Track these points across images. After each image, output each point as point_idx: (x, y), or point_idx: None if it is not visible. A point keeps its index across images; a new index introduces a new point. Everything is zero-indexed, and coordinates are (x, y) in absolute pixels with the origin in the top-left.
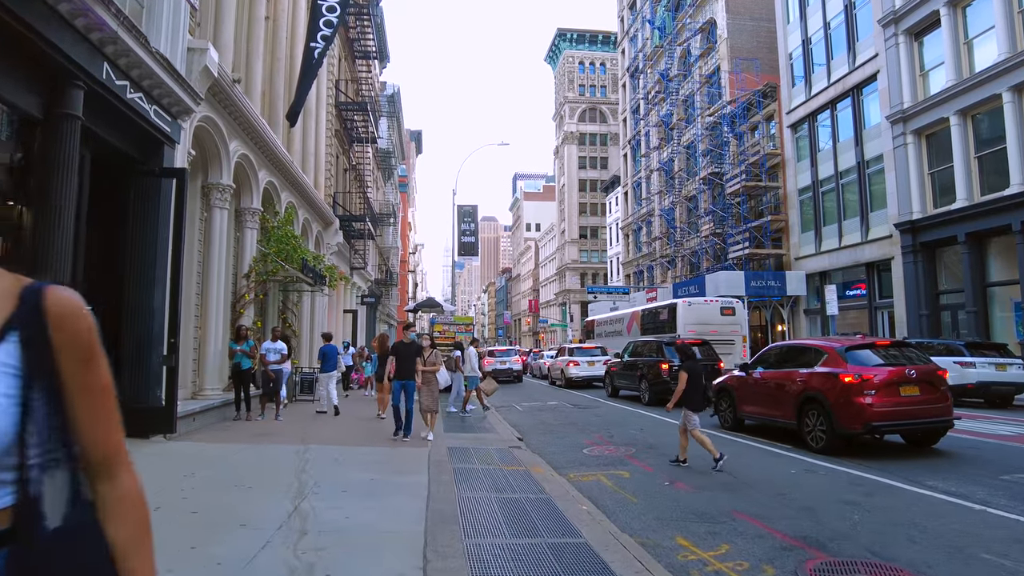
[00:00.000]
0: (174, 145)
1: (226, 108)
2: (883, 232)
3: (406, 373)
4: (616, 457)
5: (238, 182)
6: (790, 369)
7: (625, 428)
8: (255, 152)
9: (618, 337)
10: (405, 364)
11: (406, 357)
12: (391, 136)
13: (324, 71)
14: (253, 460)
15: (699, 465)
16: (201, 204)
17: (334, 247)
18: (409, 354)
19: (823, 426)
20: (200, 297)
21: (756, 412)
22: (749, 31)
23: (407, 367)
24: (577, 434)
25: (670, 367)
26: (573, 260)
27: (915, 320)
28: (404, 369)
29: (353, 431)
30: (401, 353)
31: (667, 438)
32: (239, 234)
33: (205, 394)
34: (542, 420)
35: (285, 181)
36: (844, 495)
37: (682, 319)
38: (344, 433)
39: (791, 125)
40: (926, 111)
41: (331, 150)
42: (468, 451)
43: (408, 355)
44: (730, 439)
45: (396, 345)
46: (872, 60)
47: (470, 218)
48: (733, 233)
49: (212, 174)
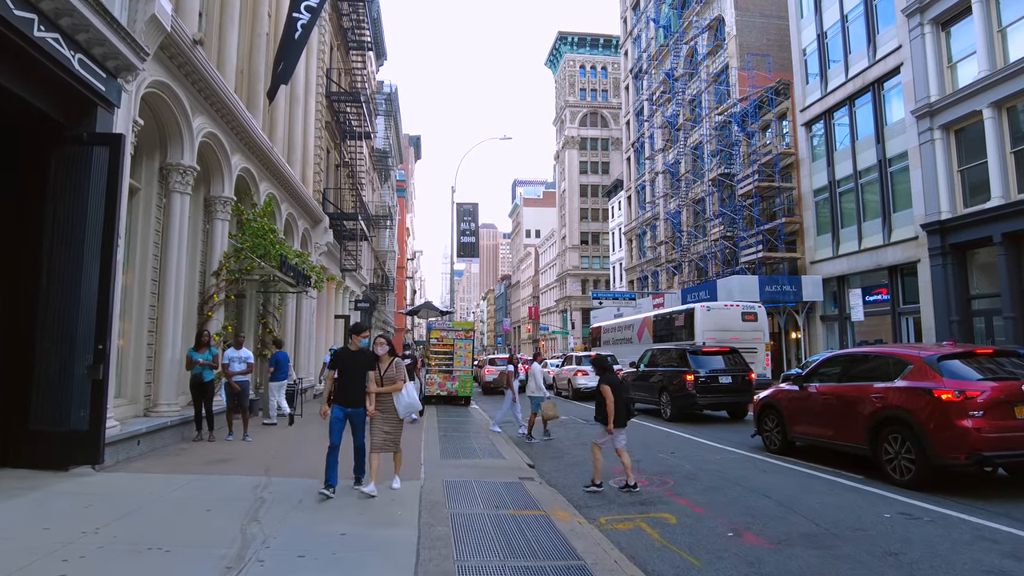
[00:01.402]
0: (112, 109)
1: (188, 76)
2: (908, 233)
3: (351, 396)
4: (652, 492)
5: (206, 166)
6: (860, 383)
7: (651, 450)
8: (227, 133)
9: (627, 345)
10: (350, 383)
11: (352, 373)
12: (388, 136)
13: (314, 57)
14: (193, 502)
15: (754, 503)
16: (158, 188)
17: (323, 247)
18: (356, 368)
19: (910, 454)
20: (156, 297)
21: (813, 433)
22: (759, 28)
23: (353, 387)
24: None
25: (696, 378)
26: (574, 266)
27: (945, 327)
28: (349, 390)
29: None
30: (345, 366)
31: (708, 464)
32: (208, 226)
33: (160, 411)
34: (553, 439)
35: (264, 170)
36: (981, 558)
37: (700, 325)
38: (319, 459)
39: (805, 123)
40: (955, 104)
41: (321, 143)
42: (469, 486)
43: (355, 370)
44: (784, 465)
45: (339, 355)
46: (895, 52)
47: (470, 217)
48: (745, 236)
49: (172, 153)
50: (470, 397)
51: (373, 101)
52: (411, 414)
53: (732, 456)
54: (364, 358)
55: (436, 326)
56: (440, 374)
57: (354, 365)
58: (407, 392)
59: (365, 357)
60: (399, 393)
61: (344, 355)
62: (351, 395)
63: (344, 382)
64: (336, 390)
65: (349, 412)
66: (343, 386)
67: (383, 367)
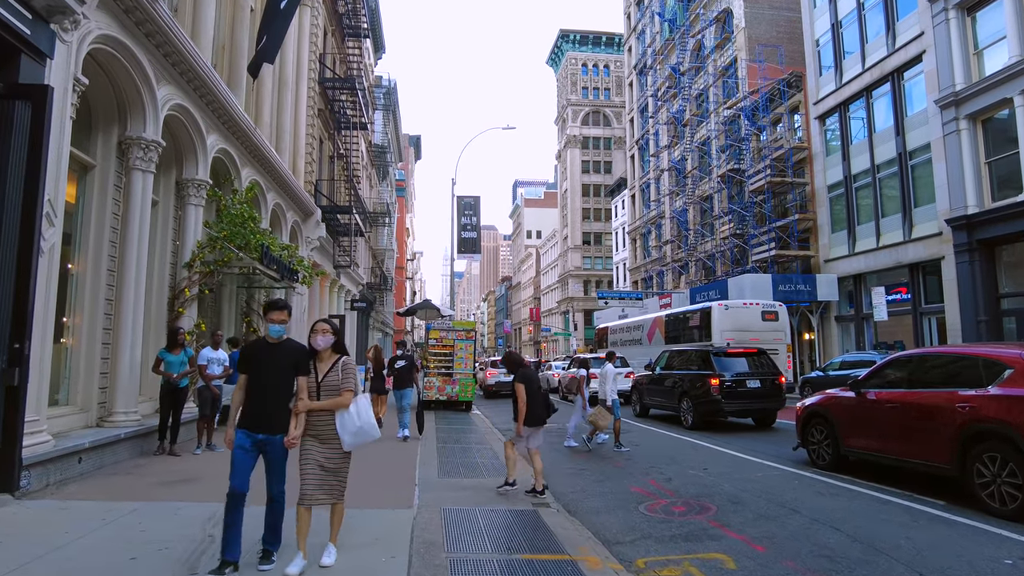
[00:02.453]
0: (43, 60)
1: (151, 37)
2: (931, 229)
3: (266, 415)
4: (695, 523)
5: (177, 144)
6: (938, 389)
7: (681, 465)
8: (201, 109)
9: (636, 346)
10: (265, 395)
11: (268, 380)
12: (387, 131)
13: (306, 40)
14: (119, 544)
15: (824, 538)
16: (117, 165)
17: (315, 241)
18: (275, 372)
19: (1015, 478)
20: (113, 289)
21: (874, 448)
22: (768, 20)
23: (269, 401)
24: (621, 475)
25: (722, 382)
26: (576, 267)
27: (971, 327)
28: (262, 405)
29: None
30: (257, 368)
31: (751, 484)
32: (180, 212)
33: (115, 420)
34: (566, 451)
35: (247, 154)
36: None
37: (718, 325)
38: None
39: (819, 117)
40: (983, 93)
41: (313, 131)
42: (473, 517)
43: (272, 374)
44: (840, 485)
45: (249, 350)
46: (916, 40)
47: (471, 211)
48: (756, 234)
49: (132, 125)
50: (471, 402)
51: (371, 94)
52: (355, 437)
53: (775, 473)
54: (289, 355)
55: (435, 326)
56: (439, 377)
57: (271, 366)
58: (358, 411)
59: (291, 353)
60: (346, 412)
61: (257, 350)
62: (265, 414)
63: (255, 393)
64: (244, 405)
65: (262, 441)
66: (254, 399)
67: (322, 369)
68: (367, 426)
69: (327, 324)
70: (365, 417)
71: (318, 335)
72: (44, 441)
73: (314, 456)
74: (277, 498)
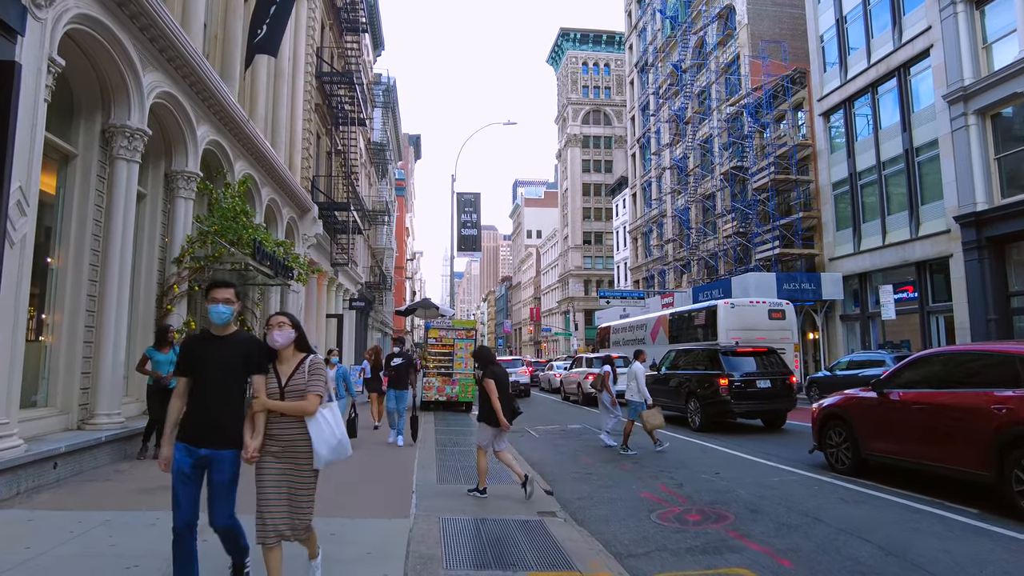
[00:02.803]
0: (13, 36)
1: (135, 20)
2: (938, 227)
3: (210, 425)
4: (712, 533)
5: (166, 135)
6: (971, 389)
7: (691, 470)
8: (190, 98)
9: (639, 346)
10: (210, 399)
11: (213, 380)
12: (386, 129)
13: (303, 32)
14: (83, 563)
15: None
16: (100, 154)
17: (312, 238)
18: (219, 368)
19: None
20: (96, 285)
21: (899, 452)
22: (771, 16)
23: (215, 407)
24: (628, 480)
25: (731, 382)
26: (576, 266)
27: (981, 325)
28: (205, 412)
29: None
30: (203, 365)
31: (768, 490)
32: (169, 206)
33: (96, 423)
34: (571, 454)
35: (241, 147)
36: None
37: (724, 324)
38: None
39: (823, 113)
40: (992, 87)
41: (310, 126)
42: (474, 528)
43: (219, 372)
44: (863, 491)
45: (187, 345)
46: (924, 34)
47: (471, 208)
48: (759, 232)
49: (116, 112)
50: (472, 403)
51: (370, 91)
52: (330, 454)
53: (792, 478)
54: (238, 348)
55: (435, 325)
56: (439, 377)
57: (216, 363)
58: (326, 420)
59: (241, 346)
60: (322, 420)
61: (196, 344)
62: (209, 422)
63: (197, 398)
64: (184, 415)
65: (205, 458)
66: (195, 405)
67: (285, 372)
68: (332, 440)
69: (284, 317)
70: (336, 430)
71: (274, 330)
72: (14, 446)
73: (275, 477)
74: (228, 528)
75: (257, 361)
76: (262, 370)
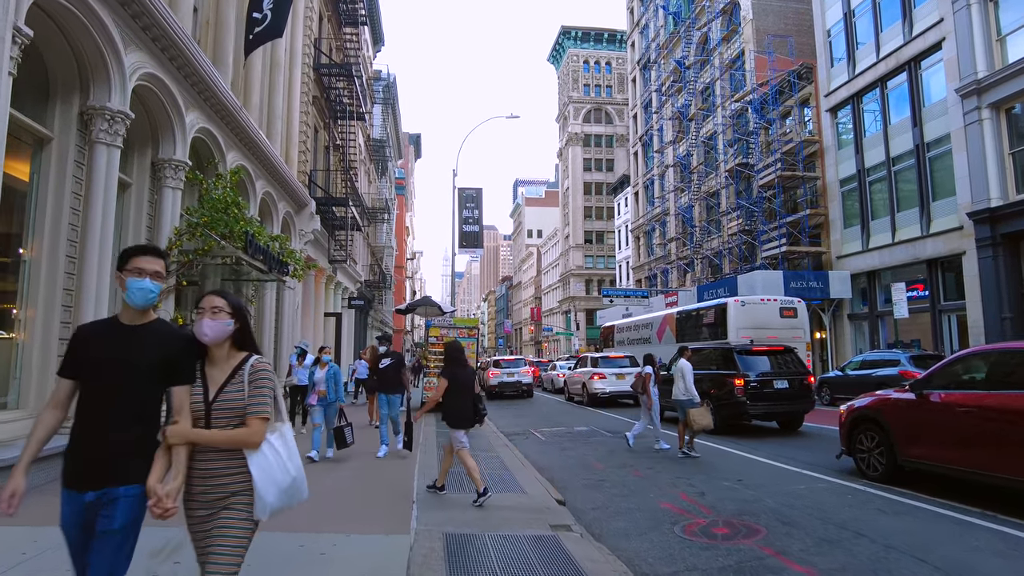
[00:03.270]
0: None
1: None
2: (950, 223)
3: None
4: (744, 549)
5: (152, 121)
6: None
7: (710, 476)
8: (179, 83)
9: (644, 345)
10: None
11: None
12: (386, 125)
13: (300, 22)
14: None
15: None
16: (78, 138)
17: (309, 234)
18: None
19: None
20: (74, 278)
21: (943, 459)
22: (776, 12)
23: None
24: (646, 487)
25: (747, 383)
26: (578, 266)
27: (995, 325)
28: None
29: None
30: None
31: (797, 499)
32: (156, 196)
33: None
34: (580, 459)
35: (233, 136)
36: None
37: (734, 322)
38: None
39: (830, 109)
40: (1007, 81)
41: (308, 119)
42: (482, 544)
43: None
44: (903, 501)
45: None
46: (935, 27)
47: (473, 204)
48: (765, 230)
49: (96, 94)
50: None
51: (370, 86)
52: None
53: (821, 485)
54: (154, 345)
55: (436, 323)
56: (440, 378)
57: (118, 364)
58: (275, 452)
59: (159, 342)
60: (257, 454)
61: (91, 335)
62: (101, 452)
63: (84, 413)
64: (70, 441)
65: (94, 503)
66: (81, 425)
67: (216, 378)
68: (300, 478)
69: (221, 299)
70: (297, 462)
71: (205, 317)
72: None
73: (196, 531)
74: None
75: (181, 365)
76: (187, 379)
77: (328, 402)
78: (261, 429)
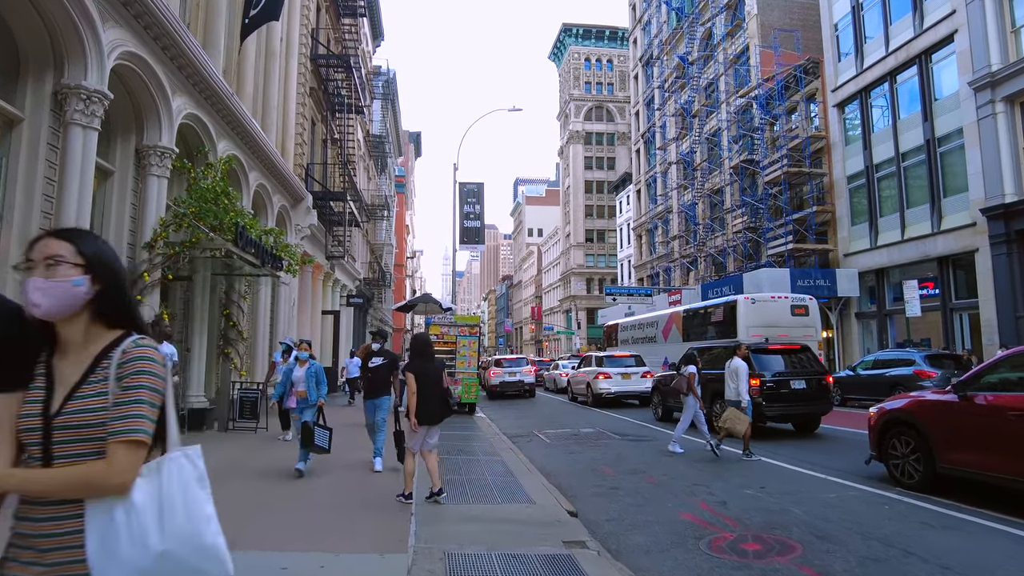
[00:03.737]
0: None
1: None
2: (962, 220)
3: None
4: (780, 569)
5: (135, 104)
6: None
7: (729, 482)
8: (164, 64)
9: (649, 344)
10: None
11: None
12: (385, 121)
13: (296, 10)
14: None
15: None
16: (51, 120)
17: (306, 229)
18: None
19: None
20: None
21: (990, 467)
22: (781, 7)
23: None
24: (662, 496)
25: (762, 383)
26: (579, 264)
27: (1009, 323)
28: None
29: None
30: None
31: (828, 509)
32: (141, 184)
33: None
34: (588, 463)
35: (224, 124)
36: None
37: (744, 320)
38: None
39: (838, 104)
40: (1022, 73)
41: (305, 111)
42: (489, 567)
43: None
44: (947, 513)
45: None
46: (947, 19)
47: (475, 199)
48: (771, 227)
49: (71, 72)
50: (475, 404)
51: (369, 80)
52: None
53: (853, 494)
54: None
55: (436, 321)
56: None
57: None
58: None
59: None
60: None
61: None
62: None
63: None
64: None
65: None
66: None
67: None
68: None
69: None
70: (183, 523)
71: (36, 272)
72: None
73: None
74: None
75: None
76: (16, 383)
77: (308, 404)
78: (128, 463)
